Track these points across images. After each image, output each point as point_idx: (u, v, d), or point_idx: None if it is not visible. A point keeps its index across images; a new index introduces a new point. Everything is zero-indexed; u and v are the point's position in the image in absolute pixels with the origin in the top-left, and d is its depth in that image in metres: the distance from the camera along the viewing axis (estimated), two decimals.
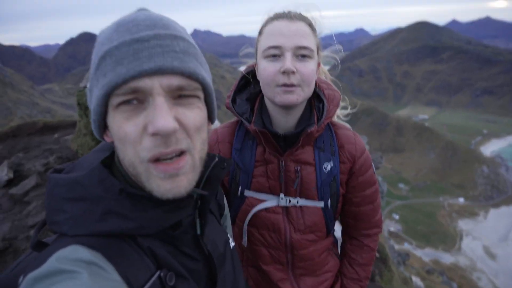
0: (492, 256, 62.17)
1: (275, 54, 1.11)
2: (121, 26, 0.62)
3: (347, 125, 1.41)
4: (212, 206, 0.98)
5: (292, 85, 1.09)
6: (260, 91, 1.29)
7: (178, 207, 0.70)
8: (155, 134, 0.59)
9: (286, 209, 1.29)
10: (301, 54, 1.10)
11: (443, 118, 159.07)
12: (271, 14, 1.20)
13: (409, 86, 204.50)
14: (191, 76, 0.63)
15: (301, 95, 1.12)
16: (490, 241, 67.02)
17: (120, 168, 0.68)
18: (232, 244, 0.96)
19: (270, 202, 1.29)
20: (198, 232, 0.79)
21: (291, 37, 1.09)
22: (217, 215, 0.99)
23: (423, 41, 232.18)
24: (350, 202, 1.36)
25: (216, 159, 0.83)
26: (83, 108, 4.78)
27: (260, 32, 1.19)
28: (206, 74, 0.69)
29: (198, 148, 0.67)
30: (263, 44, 1.14)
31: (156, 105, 0.59)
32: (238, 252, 1.35)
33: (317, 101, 1.28)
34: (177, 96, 0.63)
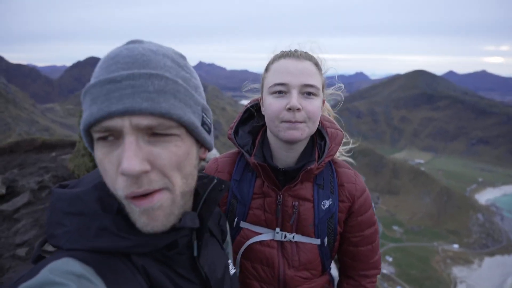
0: None
1: (282, 90, 1.13)
2: (104, 62, 0.64)
3: (350, 161, 1.40)
4: (215, 229, 0.98)
5: (296, 122, 1.11)
6: (263, 125, 1.31)
7: (173, 228, 0.69)
8: (124, 174, 0.59)
9: (281, 244, 1.27)
10: (307, 91, 1.12)
11: (438, 164, 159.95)
12: (278, 51, 1.22)
13: (406, 131, 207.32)
14: (164, 116, 0.62)
15: (305, 131, 1.13)
16: None
17: None
18: (232, 270, 0.94)
19: (265, 235, 1.27)
20: (195, 253, 0.78)
21: (297, 75, 1.12)
22: (219, 239, 0.99)
23: (420, 89, 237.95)
24: (349, 241, 1.33)
25: (215, 181, 0.83)
26: None
27: (267, 69, 1.21)
28: (185, 110, 0.66)
29: (178, 184, 0.66)
30: (270, 80, 1.16)
31: (124, 145, 0.60)
32: None
33: (319, 139, 1.28)
34: (152, 134, 0.63)
